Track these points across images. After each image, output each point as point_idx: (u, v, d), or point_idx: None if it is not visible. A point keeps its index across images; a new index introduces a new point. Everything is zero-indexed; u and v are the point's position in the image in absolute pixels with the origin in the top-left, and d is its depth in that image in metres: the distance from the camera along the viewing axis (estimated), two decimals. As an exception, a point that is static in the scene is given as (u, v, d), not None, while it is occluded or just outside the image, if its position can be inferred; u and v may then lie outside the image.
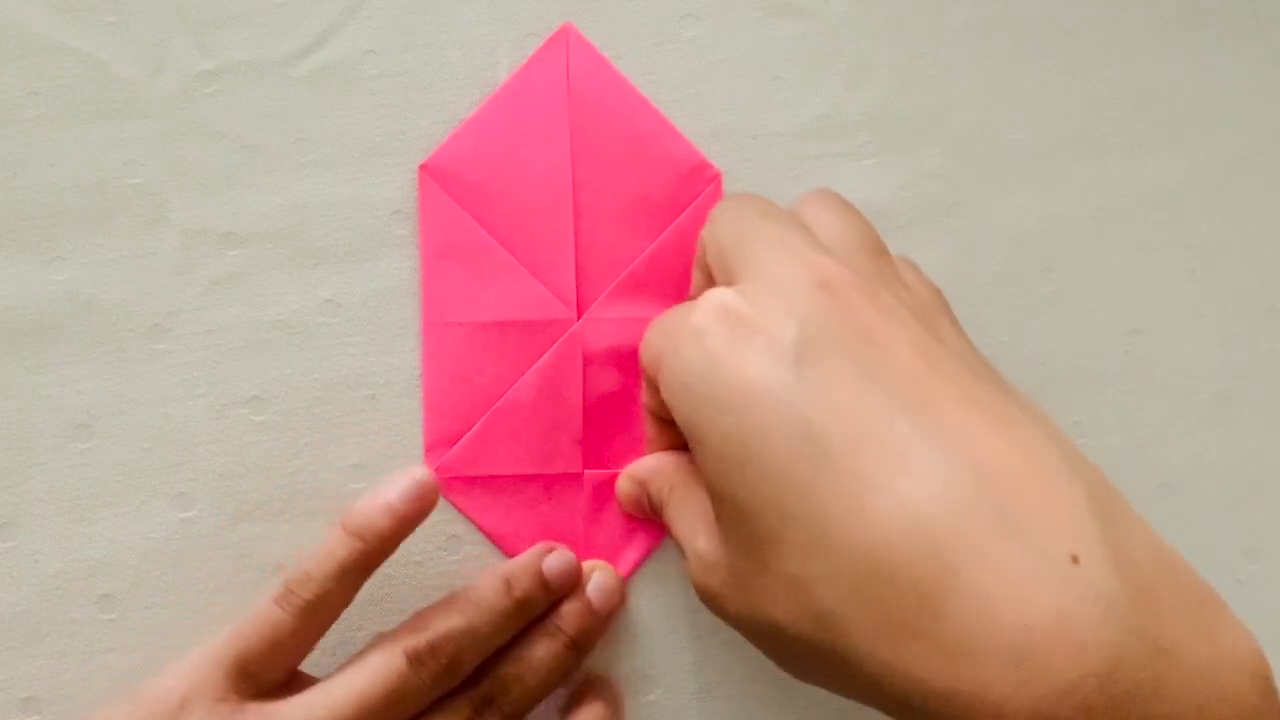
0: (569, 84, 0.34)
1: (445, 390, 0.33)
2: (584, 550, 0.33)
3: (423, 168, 0.34)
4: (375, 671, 0.29)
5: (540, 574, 0.32)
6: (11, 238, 0.33)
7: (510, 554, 0.33)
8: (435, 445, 0.33)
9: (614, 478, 0.33)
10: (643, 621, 0.34)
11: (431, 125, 0.34)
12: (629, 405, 0.34)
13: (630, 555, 0.34)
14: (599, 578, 0.33)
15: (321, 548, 0.30)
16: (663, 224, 0.34)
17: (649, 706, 0.34)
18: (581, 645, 0.32)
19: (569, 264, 0.34)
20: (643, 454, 0.33)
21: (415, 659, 0.30)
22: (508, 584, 0.32)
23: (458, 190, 0.34)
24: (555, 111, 0.34)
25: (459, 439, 0.33)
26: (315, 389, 0.33)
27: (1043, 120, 0.36)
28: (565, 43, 0.34)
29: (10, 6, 0.33)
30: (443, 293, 0.33)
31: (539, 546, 0.33)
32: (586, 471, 0.33)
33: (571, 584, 0.33)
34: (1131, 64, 0.36)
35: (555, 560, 0.32)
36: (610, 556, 0.34)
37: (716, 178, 0.34)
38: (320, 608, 0.30)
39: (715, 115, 0.35)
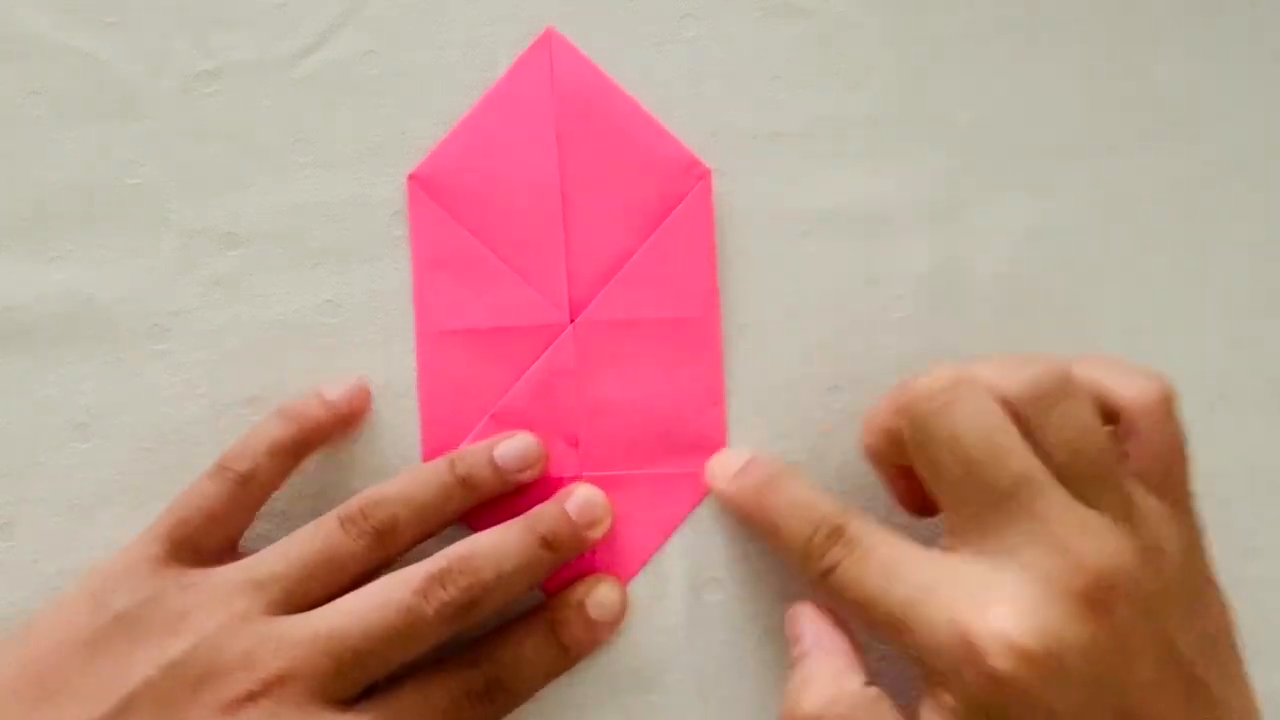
0: (554, 87, 0.34)
1: (442, 399, 0.33)
2: (585, 553, 0.33)
3: (411, 177, 0.34)
4: (310, 534, 0.30)
5: (490, 455, 0.32)
6: (11, 238, 0.33)
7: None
8: (433, 454, 0.33)
9: (612, 480, 0.33)
10: (642, 621, 0.34)
11: (431, 126, 0.34)
12: (625, 407, 0.34)
13: (631, 558, 0.34)
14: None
15: (256, 428, 0.32)
16: (653, 224, 0.34)
17: (649, 707, 0.34)
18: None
19: (560, 268, 0.34)
20: (642, 460, 0.33)
21: (346, 519, 0.30)
22: (451, 461, 0.32)
23: (447, 199, 0.34)
24: (541, 116, 0.34)
25: (457, 447, 0.33)
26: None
27: (1043, 120, 0.36)
28: (548, 46, 0.34)
29: (10, 6, 0.33)
30: (436, 301, 0.33)
31: (501, 433, 0.33)
32: (585, 475, 0.33)
33: (524, 469, 0.32)
34: (1131, 64, 0.36)
35: (508, 445, 0.32)
36: (611, 558, 0.34)
37: (706, 175, 0.34)
38: (250, 481, 0.31)
39: (715, 115, 0.35)
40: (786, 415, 0.34)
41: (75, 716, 0.27)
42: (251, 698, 0.27)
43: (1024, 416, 0.28)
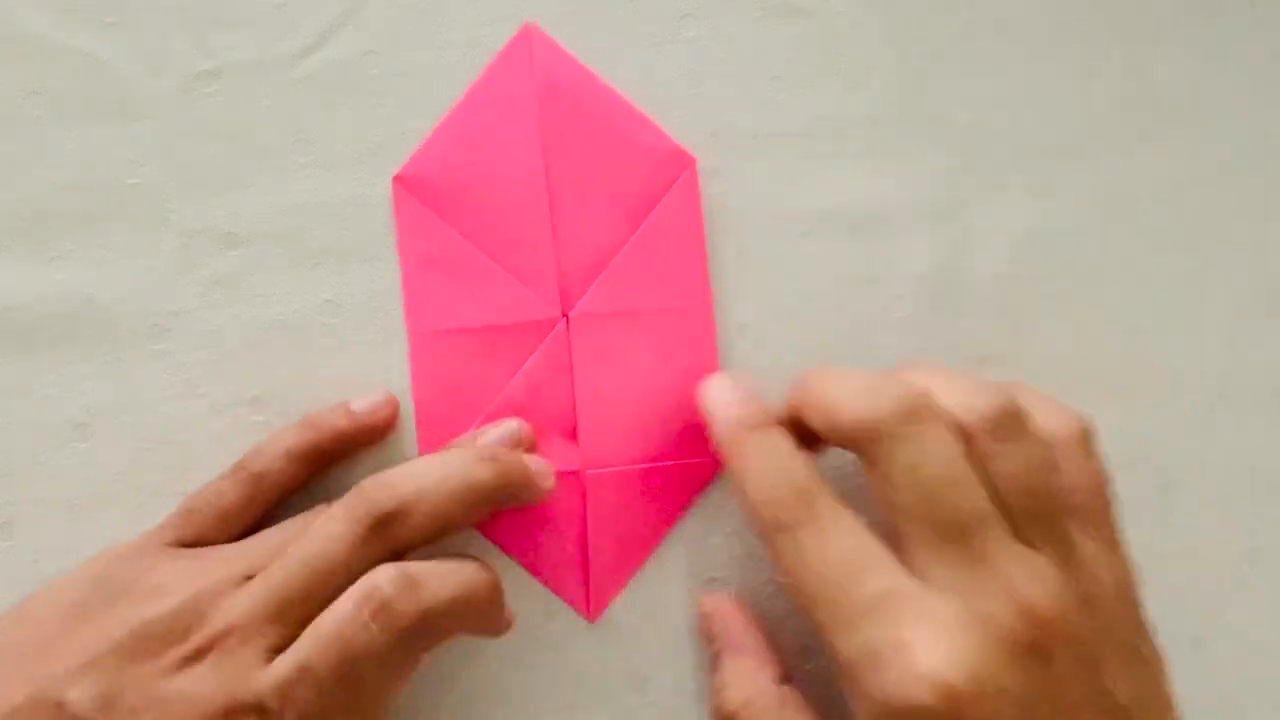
0: (535, 82, 0.34)
1: (436, 400, 0.33)
2: (584, 549, 0.33)
3: (396, 179, 0.34)
4: (302, 523, 0.31)
5: (478, 445, 0.32)
6: (11, 237, 0.33)
7: (509, 553, 0.33)
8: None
9: (611, 475, 0.33)
10: (640, 622, 0.34)
11: (431, 126, 0.34)
12: (622, 399, 0.34)
13: (632, 552, 0.34)
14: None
15: (278, 432, 0.32)
16: (641, 215, 0.34)
17: (647, 707, 0.34)
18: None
19: (550, 263, 0.34)
20: (641, 453, 0.33)
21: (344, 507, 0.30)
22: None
23: (433, 199, 0.34)
24: (524, 111, 0.34)
25: None
26: (315, 389, 0.33)
27: (1043, 120, 0.36)
28: (528, 42, 0.34)
29: (10, 6, 0.33)
30: (426, 302, 0.33)
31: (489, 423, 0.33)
32: (585, 470, 0.33)
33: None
34: (1131, 64, 0.36)
35: (493, 433, 0.33)
36: (610, 555, 0.34)
37: (691, 164, 0.34)
38: (263, 481, 0.31)
39: (715, 115, 0.35)
40: (786, 415, 0.34)
41: (49, 673, 0.27)
42: (197, 655, 0.28)
43: (979, 448, 0.28)
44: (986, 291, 0.36)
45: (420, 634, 0.28)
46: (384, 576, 0.28)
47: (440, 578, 0.29)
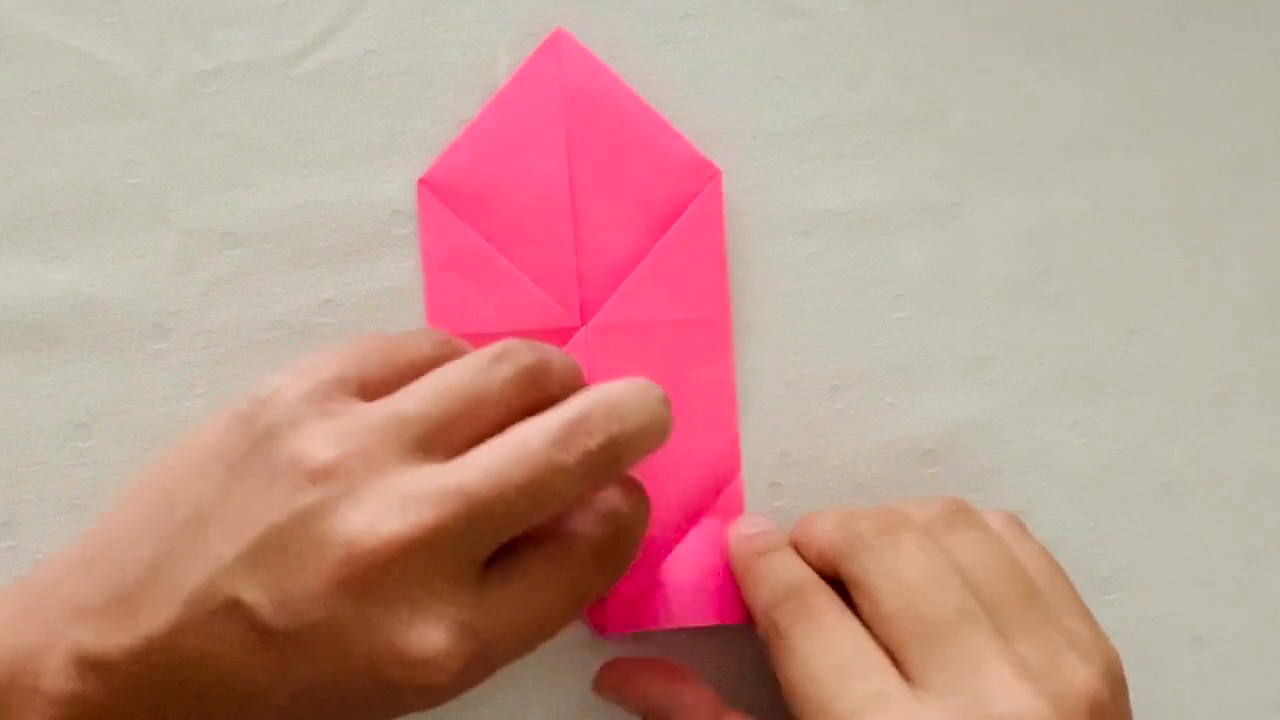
0: (563, 89, 0.34)
1: None
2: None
3: (421, 181, 0.34)
4: (459, 370, 0.28)
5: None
6: (11, 238, 0.33)
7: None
8: None
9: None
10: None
11: (431, 125, 0.34)
12: None
13: (644, 566, 0.33)
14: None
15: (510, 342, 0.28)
16: (664, 225, 0.34)
17: (649, 706, 0.34)
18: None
19: (571, 270, 0.33)
20: (655, 465, 0.33)
21: (496, 358, 0.28)
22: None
23: (457, 202, 0.34)
24: (551, 117, 0.34)
25: None
26: (315, 389, 0.33)
27: (1043, 120, 0.36)
28: (558, 47, 0.34)
29: (10, 6, 0.33)
30: (446, 305, 0.33)
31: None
32: None
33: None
34: (1131, 64, 0.36)
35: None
36: (634, 567, 0.33)
37: (716, 176, 0.34)
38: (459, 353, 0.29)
39: (715, 115, 0.35)
40: (787, 415, 0.35)
41: (216, 555, 0.25)
42: (374, 566, 0.24)
43: (941, 545, 0.29)
44: (986, 291, 0.36)
45: (609, 465, 0.27)
46: (580, 402, 0.26)
47: (631, 405, 0.27)
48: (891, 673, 0.27)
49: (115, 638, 0.25)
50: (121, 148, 0.33)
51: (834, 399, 0.35)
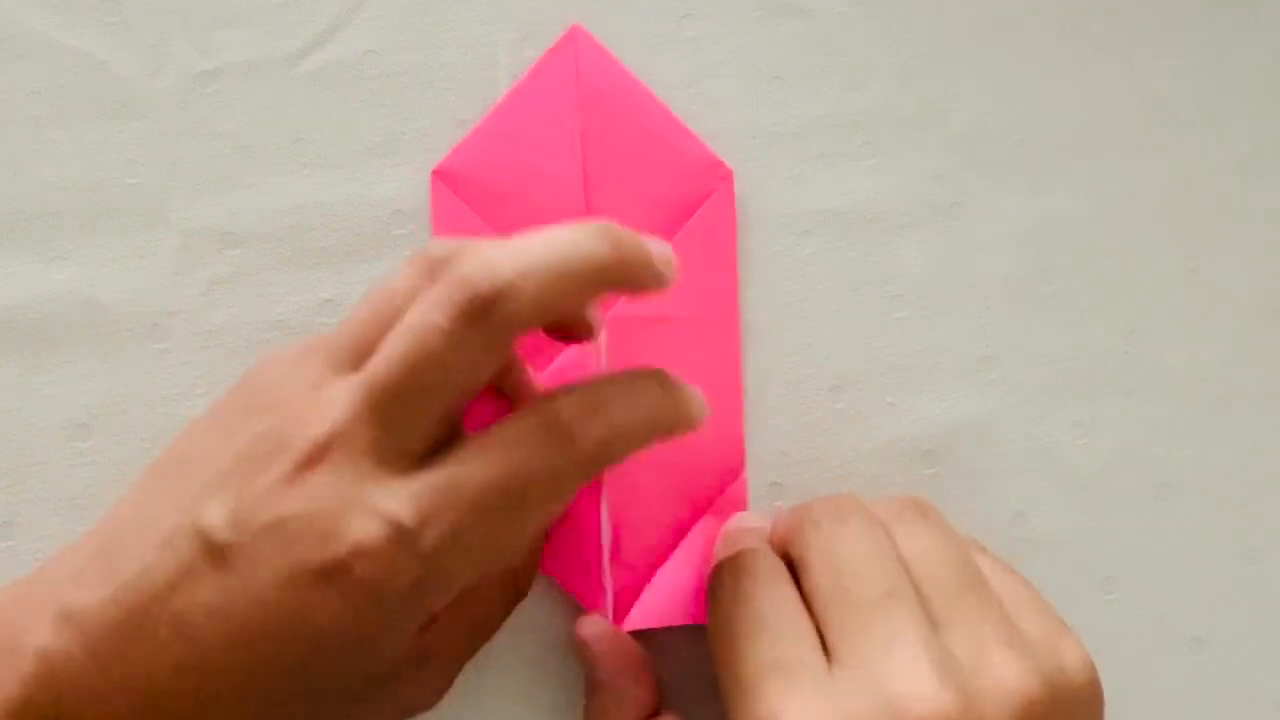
0: (579, 85, 0.34)
1: None
2: (602, 554, 0.33)
3: (435, 172, 0.34)
4: (385, 287, 0.29)
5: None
6: (11, 238, 0.33)
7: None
8: None
9: (634, 480, 0.33)
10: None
11: (431, 125, 0.34)
12: None
13: (649, 558, 0.33)
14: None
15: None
16: (677, 223, 0.34)
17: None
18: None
19: None
20: (664, 459, 0.33)
21: (409, 263, 0.29)
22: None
23: (470, 194, 0.34)
24: (566, 113, 0.34)
25: None
26: (315, 389, 0.33)
27: (1043, 120, 0.36)
28: (574, 44, 0.34)
29: (10, 6, 0.33)
30: None
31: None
32: (607, 474, 0.33)
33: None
34: (1131, 64, 0.36)
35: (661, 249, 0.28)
36: (630, 558, 0.33)
37: (728, 175, 0.34)
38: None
39: (715, 115, 0.35)
40: (787, 415, 0.35)
41: (187, 489, 0.26)
42: (309, 464, 0.26)
43: (891, 533, 0.29)
44: (986, 291, 0.36)
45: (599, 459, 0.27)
46: (563, 404, 0.26)
47: (625, 400, 0.27)
48: (809, 642, 0.27)
49: (95, 590, 0.26)
50: (121, 148, 0.33)
51: (834, 399, 0.35)
